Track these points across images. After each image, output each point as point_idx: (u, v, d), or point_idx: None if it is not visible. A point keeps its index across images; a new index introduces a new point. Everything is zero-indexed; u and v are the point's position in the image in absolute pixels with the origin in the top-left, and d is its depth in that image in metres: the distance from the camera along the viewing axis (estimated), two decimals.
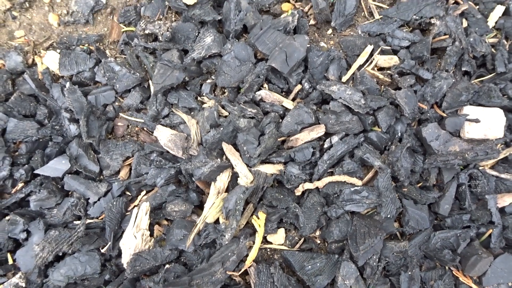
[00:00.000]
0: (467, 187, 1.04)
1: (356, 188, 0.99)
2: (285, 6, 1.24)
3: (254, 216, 1.01)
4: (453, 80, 1.08)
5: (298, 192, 1.02)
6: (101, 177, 1.11)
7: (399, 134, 1.07)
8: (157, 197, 1.05)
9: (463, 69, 1.11)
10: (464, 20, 1.17)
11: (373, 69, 1.13)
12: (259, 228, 0.98)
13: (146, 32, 1.14)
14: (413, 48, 1.13)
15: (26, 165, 1.08)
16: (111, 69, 1.15)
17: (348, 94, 1.03)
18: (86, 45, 1.23)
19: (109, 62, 1.15)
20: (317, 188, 1.04)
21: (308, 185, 1.02)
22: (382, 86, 1.12)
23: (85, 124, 1.07)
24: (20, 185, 1.07)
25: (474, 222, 1.03)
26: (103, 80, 1.18)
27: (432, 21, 1.14)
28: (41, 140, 1.12)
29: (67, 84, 1.14)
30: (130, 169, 1.12)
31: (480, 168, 1.05)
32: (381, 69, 1.16)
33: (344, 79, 1.11)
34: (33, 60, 1.22)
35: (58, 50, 1.22)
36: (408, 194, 1.04)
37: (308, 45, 1.10)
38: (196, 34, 1.16)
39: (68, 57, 1.19)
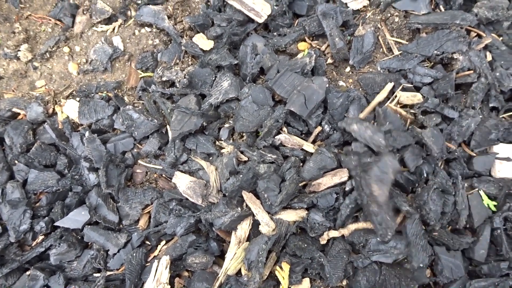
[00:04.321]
0: (502, 231, 0.97)
1: None
2: (302, 45, 1.23)
3: (277, 267, 0.97)
4: (481, 117, 1.03)
5: (323, 240, 0.98)
6: (121, 226, 1.10)
7: (425, 174, 1.02)
8: (177, 248, 1.02)
9: (491, 105, 1.06)
10: (488, 53, 1.12)
11: (395, 105, 1.10)
12: (283, 280, 0.94)
13: (163, 79, 1.14)
14: (436, 85, 1.09)
15: (47, 217, 1.07)
16: (130, 117, 1.15)
17: (368, 135, 0.99)
18: (105, 92, 1.24)
19: (127, 110, 1.15)
20: (342, 234, 1.00)
21: (333, 233, 0.98)
22: (408, 123, 1.08)
23: (104, 174, 1.06)
24: (41, 237, 1.07)
25: None
26: (121, 128, 1.18)
27: (455, 56, 1.10)
28: (61, 190, 1.12)
29: (86, 133, 1.14)
30: (149, 218, 1.11)
31: None
32: (403, 106, 1.12)
33: (361, 115, 1.08)
34: (53, 109, 1.24)
35: (78, 99, 1.23)
36: (439, 239, 0.98)
37: (327, 86, 1.08)
38: (213, 78, 1.16)
39: (87, 105, 1.20)
